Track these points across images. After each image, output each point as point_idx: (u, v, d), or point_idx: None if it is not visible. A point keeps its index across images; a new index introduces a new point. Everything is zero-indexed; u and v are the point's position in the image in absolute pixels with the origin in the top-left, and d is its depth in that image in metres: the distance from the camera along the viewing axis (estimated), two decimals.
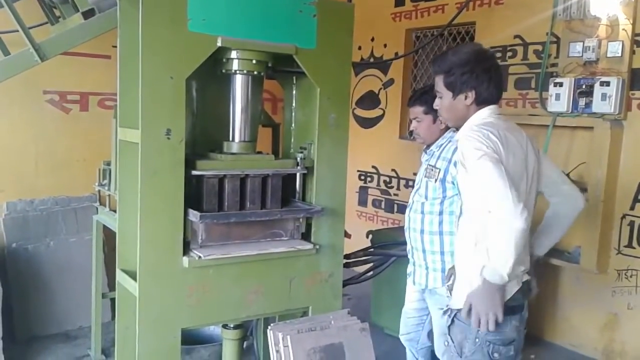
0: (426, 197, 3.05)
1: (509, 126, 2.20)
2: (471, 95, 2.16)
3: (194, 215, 2.65)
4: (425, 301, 3.23)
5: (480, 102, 2.17)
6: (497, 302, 2.06)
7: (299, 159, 2.95)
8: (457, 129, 2.31)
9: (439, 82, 2.23)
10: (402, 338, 3.45)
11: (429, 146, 3.16)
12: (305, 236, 3.05)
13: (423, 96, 3.11)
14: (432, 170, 3.02)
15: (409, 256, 3.25)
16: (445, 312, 2.31)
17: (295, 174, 2.99)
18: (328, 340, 3.03)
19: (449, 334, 2.23)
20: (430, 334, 3.30)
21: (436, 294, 3.06)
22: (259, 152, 3.08)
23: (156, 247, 2.63)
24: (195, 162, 2.71)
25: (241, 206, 2.84)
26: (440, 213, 3.00)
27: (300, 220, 2.97)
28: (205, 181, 2.74)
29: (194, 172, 2.68)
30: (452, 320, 2.24)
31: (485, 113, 2.17)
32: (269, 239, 2.91)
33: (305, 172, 2.98)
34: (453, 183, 2.90)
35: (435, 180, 2.98)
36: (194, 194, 2.77)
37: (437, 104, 2.31)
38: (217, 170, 2.76)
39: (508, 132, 2.13)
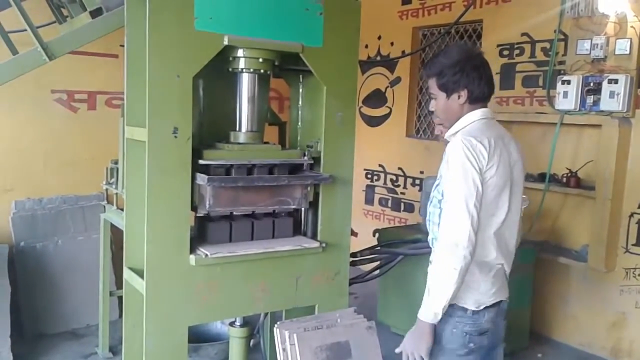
0: (442, 195, 3.08)
1: (499, 133, 2.26)
2: (464, 94, 2.21)
3: (201, 179, 2.65)
4: None
5: (473, 101, 2.23)
6: (423, 344, 2.18)
7: (306, 151, 2.96)
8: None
9: (432, 85, 2.28)
10: None
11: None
12: (312, 234, 3.06)
13: None
14: None
15: (430, 245, 3.28)
16: None
17: (302, 167, 2.99)
18: (334, 338, 3.03)
19: None
20: None
21: None
22: (266, 143, 3.08)
23: (163, 245, 2.64)
24: (202, 152, 2.72)
25: None
26: None
27: (308, 188, 2.95)
28: (213, 171, 2.74)
29: (201, 162, 2.68)
30: None
31: (477, 115, 2.23)
32: (276, 205, 2.91)
33: (312, 162, 2.98)
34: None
35: None
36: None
37: (432, 106, 2.36)
38: (224, 160, 2.76)
39: (498, 140, 2.19)
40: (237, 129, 2.96)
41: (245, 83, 2.91)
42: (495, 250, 2.20)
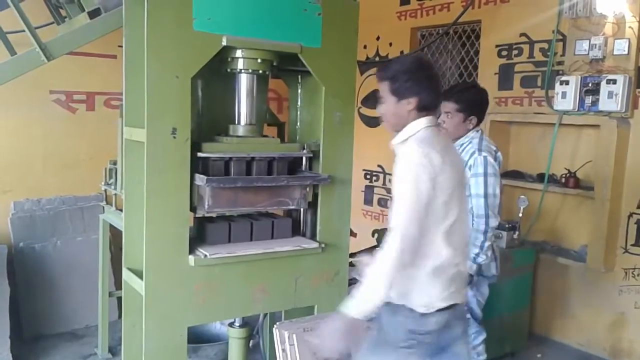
0: None
1: (445, 140, 2.35)
2: (414, 101, 2.25)
3: (200, 179, 2.65)
4: None
5: (421, 109, 2.28)
6: (345, 339, 2.13)
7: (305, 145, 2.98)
8: (397, 132, 2.38)
9: (384, 88, 2.33)
10: None
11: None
12: (312, 235, 3.06)
13: (460, 94, 3.16)
14: None
15: None
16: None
17: (301, 161, 3.00)
18: None
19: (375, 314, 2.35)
20: None
21: None
22: (265, 136, 3.08)
23: (162, 245, 2.64)
24: (201, 145, 2.72)
25: None
26: None
27: (307, 188, 2.96)
28: (212, 164, 2.74)
29: (200, 155, 2.69)
30: (385, 309, 2.33)
31: (424, 123, 2.27)
32: (275, 206, 2.93)
33: (312, 155, 2.98)
34: (467, 184, 3.00)
35: None
36: None
37: (381, 108, 2.40)
38: (223, 153, 2.77)
39: (446, 147, 2.26)
40: (236, 122, 2.95)
41: (244, 78, 2.91)
42: (447, 253, 2.22)
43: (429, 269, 2.19)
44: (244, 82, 2.91)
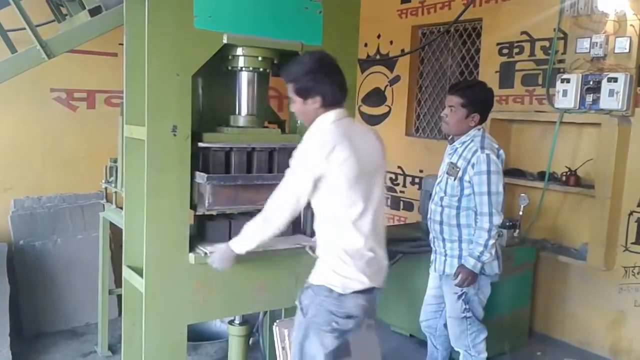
0: (445, 192, 3.17)
1: (353, 130, 2.42)
2: (318, 99, 2.37)
3: (200, 177, 2.65)
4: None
5: (327, 105, 2.39)
6: (226, 263, 2.54)
7: None
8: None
9: (290, 90, 2.44)
10: (422, 325, 3.54)
11: (453, 139, 3.21)
12: (312, 233, 3.05)
13: (466, 89, 3.17)
14: (453, 168, 3.15)
15: (432, 244, 3.32)
16: (306, 287, 2.49)
17: None
18: None
19: (300, 298, 2.50)
20: (446, 325, 3.35)
21: (451, 279, 3.17)
22: (266, 127, 3.08)
23: (162, 243, 2.64)
24: (202, 135, 2.72)
25: None
26: (458, 208, 3.15)
27: None
28: (212, 154, 2.74)
29: (201, 144, 2.69)
30: (304, 290, 2.50)
31: (331, 117, 2.39)
32: None
33: None
34: (470, 182, 3.06)
35: (455, 179, 3.13)
36: (202, 170, 2.78)
37: (291, 108, 2.51)
38: (223, 143, 2.77)
39: (352, 136, 2.35)
40: (237, 112, 2.95)
41: (245, 75, 2.91)
42: (361, 238, 2.36)
43: (340, 251, 2.36)
44: (244, 79, 2.91)
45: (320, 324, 2.41)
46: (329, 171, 2.27)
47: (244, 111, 2.93)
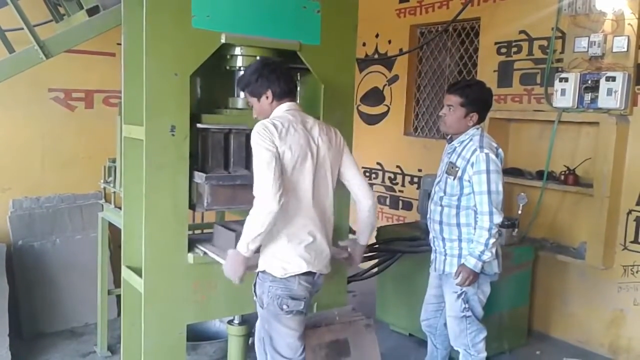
0: (444, 192, 3.17)
1: (299, 119, 2.55)
2: (269, 94, 2.54)
3: (199, 177, 2.65)
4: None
5: (278, 97, 2.56)
6: (236, 268, 2.49)
7: None
8: None
9: (247, 95, 2.62)
10: (422, 324, 3.53)
11: (451, 139, 3.21)
12: None
13: (465, 89, 3.17)
14: (452, 167, 3.16)
15: (431, 244, 3.32)
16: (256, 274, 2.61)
17: None
18: (333, 336, 3.03)
19: (254, 288, 2.61)
20: (446, 324, 3.35)
21: (451, 278, 3.16)
22: None
23: (161, 243, 2.64)
24: (201, 116, 2.73)
25: (247, 165, 2.84)
26: (458, 207, 3.15)
27: None
28: (211, 136, 2.74)
29: (200, 125, 2.70)
30: (255, 277, 2.61)
31: (283, 108, 2.56)
32: None
33: None
34: (469, 181, 3.07)
35: (454, 178, 3.13)
36: (201, 155, 2.79)
37: (254, 112, 2.65)
38: (222, 125, 2.77)
39: (296, 124, 2.50)
40: (235, 94, 2.94)
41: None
42: (302, 222, 2.50)
43: (283, 235, 2.48)
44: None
45: (276, 311, 2.53)
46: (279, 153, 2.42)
47: (242, 93, 2.92)
